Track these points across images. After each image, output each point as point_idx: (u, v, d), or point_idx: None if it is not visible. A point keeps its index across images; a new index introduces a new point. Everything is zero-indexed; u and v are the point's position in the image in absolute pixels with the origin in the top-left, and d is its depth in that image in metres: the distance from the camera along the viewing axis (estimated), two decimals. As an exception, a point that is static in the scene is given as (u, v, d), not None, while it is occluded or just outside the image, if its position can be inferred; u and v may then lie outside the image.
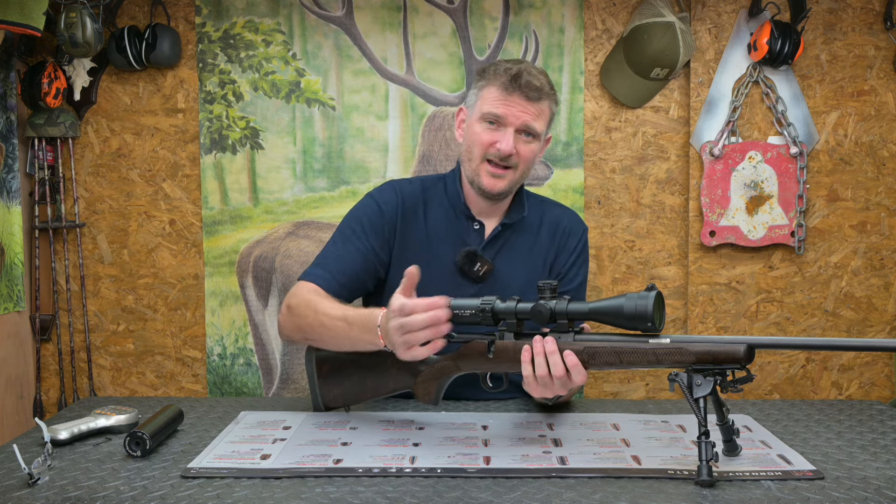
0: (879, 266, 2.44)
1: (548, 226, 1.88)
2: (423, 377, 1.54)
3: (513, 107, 1.73)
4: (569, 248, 1.87)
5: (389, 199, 1.83)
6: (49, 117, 2.36)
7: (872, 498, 1.18)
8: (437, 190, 1.88)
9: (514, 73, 1.73)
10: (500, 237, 1.84)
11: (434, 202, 1.86)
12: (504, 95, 1.73)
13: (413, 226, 1.83)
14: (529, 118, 1.73)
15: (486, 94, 1.76)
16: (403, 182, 1.89)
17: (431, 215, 1.84)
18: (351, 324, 1.55)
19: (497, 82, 1.74)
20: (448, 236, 1.83)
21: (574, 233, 1.89)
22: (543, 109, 1.76)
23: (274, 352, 2.50)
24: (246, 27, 2.44)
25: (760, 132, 2.42)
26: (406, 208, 1.82)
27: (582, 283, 1.90)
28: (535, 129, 1.75)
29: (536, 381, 1.39)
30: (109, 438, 1.49)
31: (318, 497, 1.20)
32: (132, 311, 2.50)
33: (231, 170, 2.46)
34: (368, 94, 2.45)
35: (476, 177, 1.78)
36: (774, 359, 2.46)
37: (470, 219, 1.84)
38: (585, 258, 1.92)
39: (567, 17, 2.43)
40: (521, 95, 1.73)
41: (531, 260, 1.86)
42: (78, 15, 2.13)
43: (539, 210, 1.90)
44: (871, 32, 2.39)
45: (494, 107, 1.74)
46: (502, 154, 1.73)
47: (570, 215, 1.93)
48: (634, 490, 1.22)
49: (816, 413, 1.67)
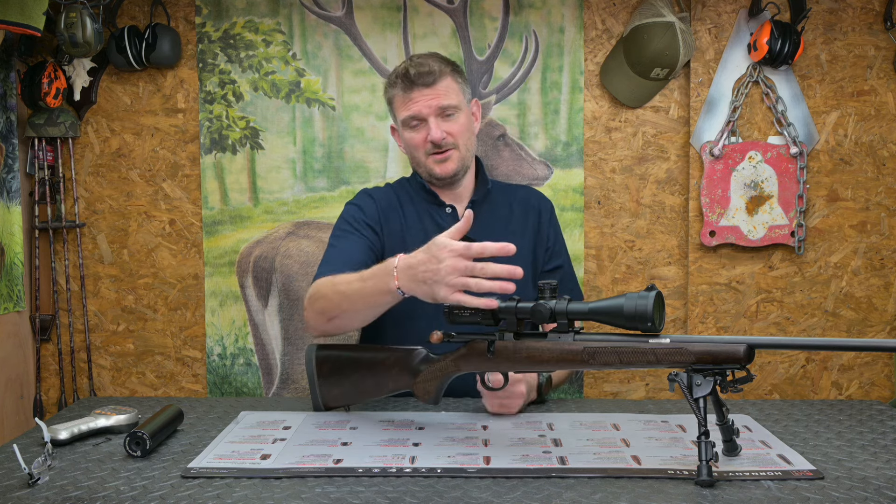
0: (879, 266, 2.44)
1: (518, 205, 2.00)
2: (423, 377, 1.54)
3: (419, 101, 1.85)
4: (545, 223, 1.99)
5: (366, 201, 1.95)
6: (49, 117, 2.36)
7: (872, 498, 1.18)
8: (405, 188, 2.00)
9: (402, 73, 1.87)
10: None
11: (405, 198, 1.98)
12: (407, 95, 1.86)
13: (392, 221, 1.93)
14: (438, 100, 1.85)
15: (396, 104, 1.91)
16: (374, 188, 2.02)
17: (406, 210, 1.96)
18: (366, 279, 1.57)
19: (397, 88, 1.88)
20: (424, 225, 1.93)
21: (544, 208, 2.02)
22: (447, 85, 1.87)
23: (274, 352, 2.50)
24: (246, 27, 2.44)
25: (760, 132, 2.42)
26: (382, 208, 1.94)
27: (567, 255, 2.03)
28: (450, 104, 1.86)
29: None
30: (109, 438, 1.49)
31: (318, 497, 1.20)
32: (132, 311, 2.50)
33: (231, 170, 2.47)
34: (368, 94, 2.45)
35: (429, 171, 1.90)
36: (774, 359, 2.46)
37: (440, 205, 1.95)
38: (560, 231, 2.05)
39: (567, 17, 2.43)
40: (420, 86, 1.85)
41: (509, 231, 1.95)
42: (78, 15, 2.13)
43: (505, 193, 2.02)
44: (871, 32, 2.39)
45: (406, 110, 1.87)
46: (436, 140, 1.85)
47: (535, 193, 2.06)
48: (634, 490, 1.22)
49: (816, 413, 1.68)
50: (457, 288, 1.39)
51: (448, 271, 1.39)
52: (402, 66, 1.89)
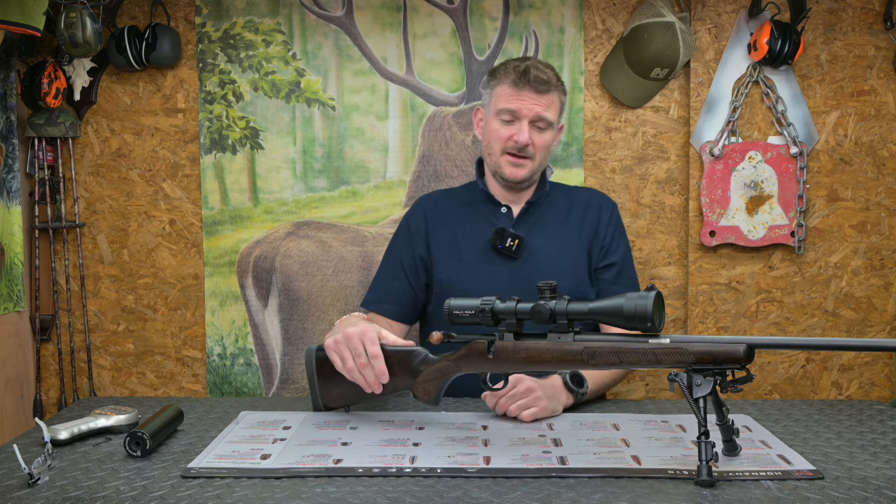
0: (879, 266, 2.44)
1: (578, 206, 2.03)
2: (423, 377, 1.55)
3: (524, 101, 1.89)
4: (604, 221, 2.02)
5: (414, 215, 2.06)
6: (49, 117, 2.36)
7: (872, 498, 1.18)
8: (462, 190, 2.11)
9: (522, 70, 1.89)
10: (528, 215, 1.99)
11: (461, 200, 2.06)
12: (515, 91, 1.89)
13: (441, 227, 2.01)
14: (541, 109, 1.89)
15: (498, 92, 1.92)
16: (429, 195, 2.15)
17: (459, 211, 2.03)
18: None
19: (508, 80, 1.91)
20: (478, 223, 1.99)
21: (605, 207, 2.04)
22: (553, 100, 1.92)
23: (274, 352, 2.50)
24: (246, 27, 2.44)
25: (760, 132, 2.42)
26: (430, 216, 2.03)
27: (627, 254, 2.04)
28: (548, 119, 1.91)
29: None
30: (109, 438, 1.49)
31: (318, 497, 1.20)
32: (132, 311, 2.50)
33: (231, 170, 2.47)
34: (368, 94, 2.45)
35: (498, 168, 1.94)
36: (774, 359, 2.46)
37: (496, 205, 2.00)
38: (623, 231, 2.06)
39: (567, 17, 2.43)
40: (531, 89, 1.88)
41: (563, 234, 1.98)
42: (78, 15, 2.13)
43: (568, 195, 2.06)
44: (871, 32, 2.39)
45: (508, 103, 1.90)
46: (520, 145, 1.89)
47: (598, 194, 2.10)
48: (634, 490, 1.22)
49: (816, 413, 1.68)
50: (339, 354, 1.56)
51: (345, 341, 1.55)
52: (522, 64, 1.91)
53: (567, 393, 1.67)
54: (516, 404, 1.58)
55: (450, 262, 1.98)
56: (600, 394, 1.86)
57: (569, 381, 1.68)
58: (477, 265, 1.95)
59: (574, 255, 1.97)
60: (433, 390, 1.54)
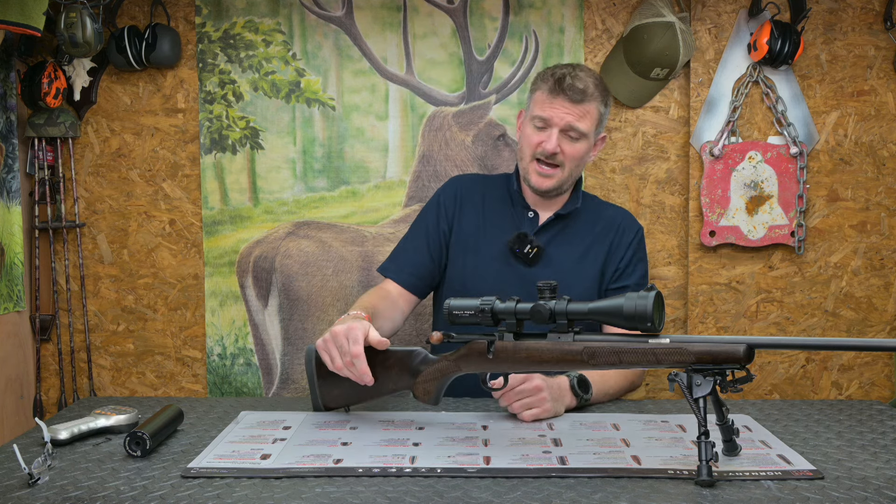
0: (879, 266, 2.44)
1: (604, 223, 2.01)
2: (423, 377, 1.55)
3: (557, 109, 1.87)
4: (624, 244, 1.99)
5: (447, 190, 2.06)
6: (49, 117, 2.36)
7: (872, 498, 1.18)
8: (499, 182, 2.08)
9: (558, 77, 1.88)
10: (553, 225, 1.99)
11: (493, 192, 2.04)
12: (550, 98, 1.88)
13: (468, 214, 2.01)
14: (573, 119, 1.87)
15: (535, 98, 1.92)
16: (465, 175, 2.17)
17: (489, 203, 2.02)
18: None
19: (544, 87, 1.90)
20: (503, 222, 1.99)
21: (629, 230, 2.02)
22: (589, 110, 1.89)
23: (274, 352, 2.50)
24: (246, 27, 2.44)
25: (760, 132, 2.42)
26: (463, 195, 2.03)
27: (642, 280, 2.01)
28: (581, 129, 1.88)
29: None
30: (109, 438, 1.49)
31: (318, 497, 1.20)
32: (132, 311, 2.50)
33: (231, 170, 2.47)
34: (368, 94, 2.45)
35: (526, 174, 1.94)
36: (774, 359, 2.46)
37: (525, 208, 2.00)
38: (643, 256, 2.04)
39: (567, 17, 2.43)
40: (566, 98, 1.87)
41: (583, 250, 1.98)
42: (78, 15, 2.13)
43: (597, 210, 2.05)
44: (871, 32, 2.39)
45: (541, 110, 1.89)
46: (547, 153, 1.88)
47: (626, 215, 2.07)
48: (634, 490, 1.22)
49: (816, 413, 1.68)
50: (327, 351, 1.57)
51: (332, 338, 1.56)
52: (560, 71, 1.90)
53: (572, 396, 1.68)
54: (520, 402, 1.58)
55: (466, 252, 1.99)
56: (604, 402, 1.85)
57: (576, 385, 1.68)
58: (491, 261, 1.96)
59: (588, 272, 1.97)
60: (433, 390, 1.54)
